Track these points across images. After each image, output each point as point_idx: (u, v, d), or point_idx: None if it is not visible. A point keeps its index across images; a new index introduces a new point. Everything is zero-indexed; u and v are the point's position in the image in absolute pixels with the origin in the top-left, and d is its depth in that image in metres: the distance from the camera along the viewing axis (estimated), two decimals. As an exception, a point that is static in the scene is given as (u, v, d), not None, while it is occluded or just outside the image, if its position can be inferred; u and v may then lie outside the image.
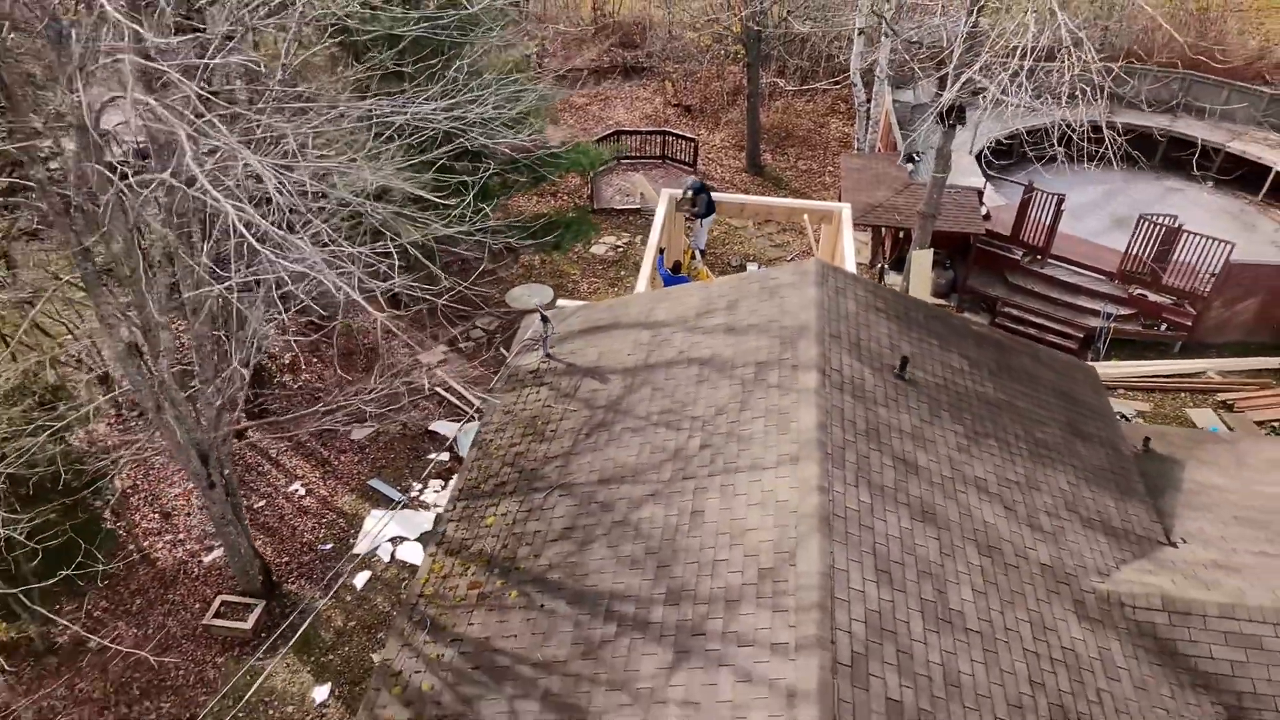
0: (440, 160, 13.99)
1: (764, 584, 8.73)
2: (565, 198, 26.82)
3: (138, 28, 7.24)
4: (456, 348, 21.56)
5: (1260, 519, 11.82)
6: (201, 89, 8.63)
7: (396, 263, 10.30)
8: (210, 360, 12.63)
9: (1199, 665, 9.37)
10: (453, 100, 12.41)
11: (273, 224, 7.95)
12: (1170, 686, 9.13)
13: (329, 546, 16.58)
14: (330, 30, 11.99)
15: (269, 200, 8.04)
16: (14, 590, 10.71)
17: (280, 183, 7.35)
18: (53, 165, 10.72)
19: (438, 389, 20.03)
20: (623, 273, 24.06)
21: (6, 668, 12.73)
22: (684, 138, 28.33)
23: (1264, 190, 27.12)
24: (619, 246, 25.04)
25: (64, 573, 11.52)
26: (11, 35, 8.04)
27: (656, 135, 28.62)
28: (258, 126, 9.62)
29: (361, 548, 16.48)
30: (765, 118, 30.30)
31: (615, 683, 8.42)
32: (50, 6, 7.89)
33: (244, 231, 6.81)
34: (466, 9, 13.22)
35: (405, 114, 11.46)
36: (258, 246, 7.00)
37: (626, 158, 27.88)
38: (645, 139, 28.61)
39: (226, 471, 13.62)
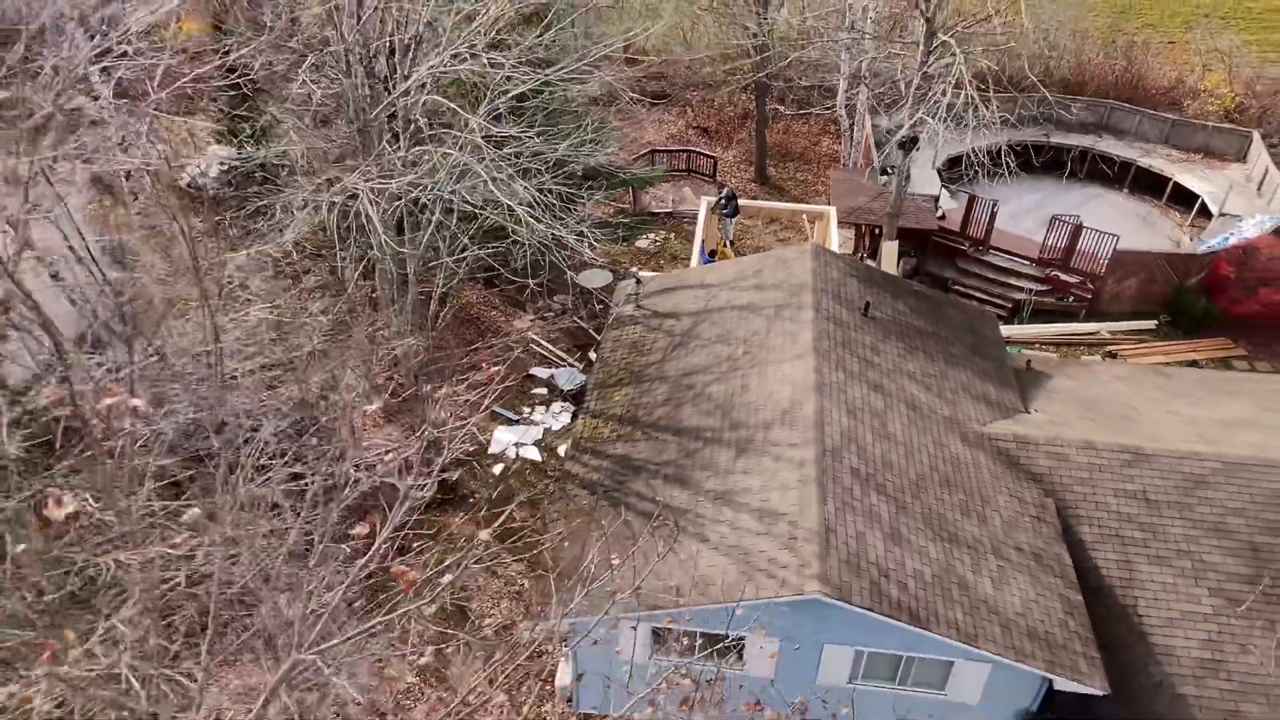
0: (556, 178, 21.01)
1: (785, 418, 15.77)
2: (612, 204, 33.83)
3: (468, 116, 14.21)
4: (541, 316, 28.55)
5: (1091, 404, 18.90)
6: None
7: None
8: (419, 310, 19.66)
9: (1030, 469, 16.43)
10: (580, 139, 19.40)
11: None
12: (1012, 477, 16.19)
13: (472, 448, 23.58)
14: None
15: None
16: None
17: (532, 194, 14.37)
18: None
19: (532, 344, 27.04)
20: (662, 261, 31.06)
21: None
22: (705, 155, 35.38)
23: (1165, 196, 34.20)
24: (657, 241, 32.06)
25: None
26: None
27: (682, 153, 35.67)
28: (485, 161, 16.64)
29: (495, 449, 23.47)
30: (769, 138, 37.26)
31: (704, 467, 15.47)
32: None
33: (522, 214, 13.77)
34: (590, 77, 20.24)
35: (557, 149, 18.43)
36: (529, 221, 13.96)
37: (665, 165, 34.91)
38: (673, 156, 35.65)
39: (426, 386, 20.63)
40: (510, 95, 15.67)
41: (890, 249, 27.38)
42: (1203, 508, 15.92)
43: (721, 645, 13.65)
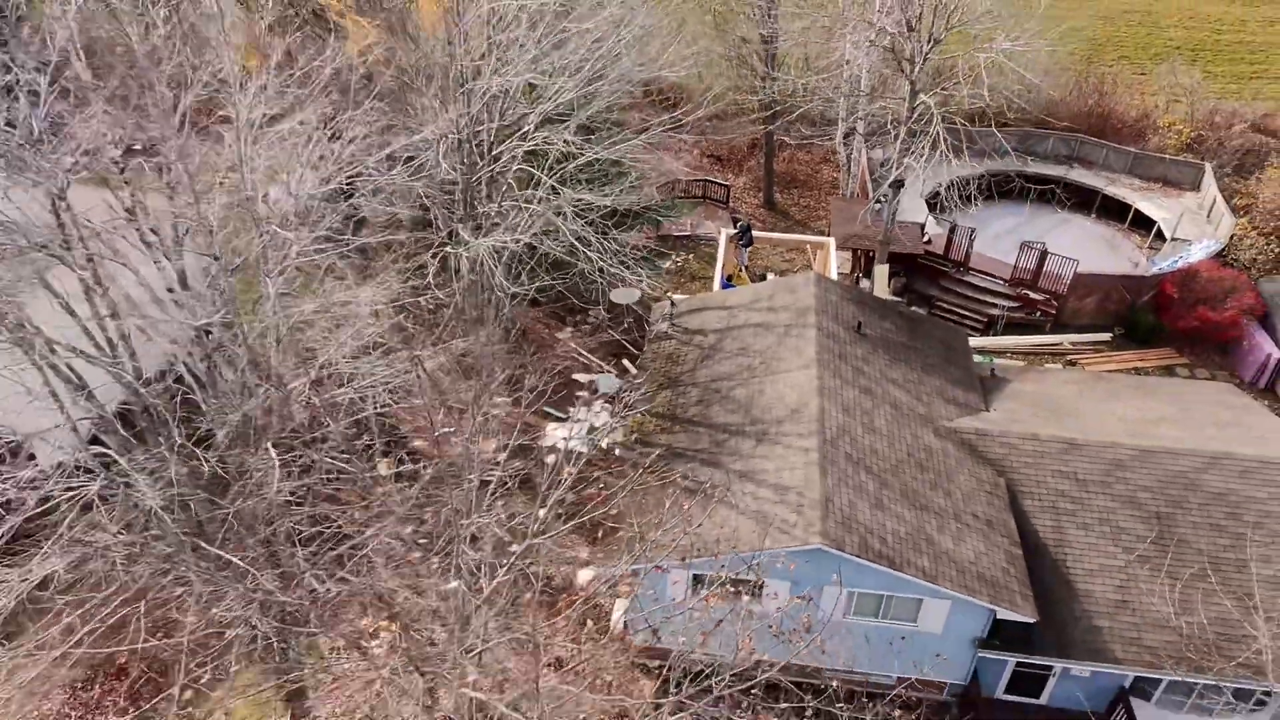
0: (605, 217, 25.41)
1: (794, 415, 20.16)
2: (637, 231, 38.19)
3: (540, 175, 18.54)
4: (579, 329, 32.95)
5: (1042, 404, 23.27)
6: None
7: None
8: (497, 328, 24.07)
9: (987, 455, 20.81)
10: (626, 186, 23.81)
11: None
12: (972, 461, 20.57)
13: (527, 441, 27.97)
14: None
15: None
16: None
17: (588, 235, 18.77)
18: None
19: (573, 354, 31.44)
20: (683, 280, 35.44)
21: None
22: (719, 184, 39.77)
23: (1128, 221, 38.58)
24: (678, 262, 36.46)
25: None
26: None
27: (699, 182, 40.06)
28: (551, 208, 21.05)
29: (547, 442, 27.86)
30: (775, 165, 41.60)
31: (731, 453, 19.88)
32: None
33: (580, 248, 18.14)
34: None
35: (608, 198, 22.79)
36: (584, 252, 18.31)
37: (683, 195, 39.25)
38: (691, 184, 40.03)
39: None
40: (579, 163, 20.08)
41: (882, 271, 31.76)
42: (1120, 486, 20.29)
43: (745, 580, 18.02)
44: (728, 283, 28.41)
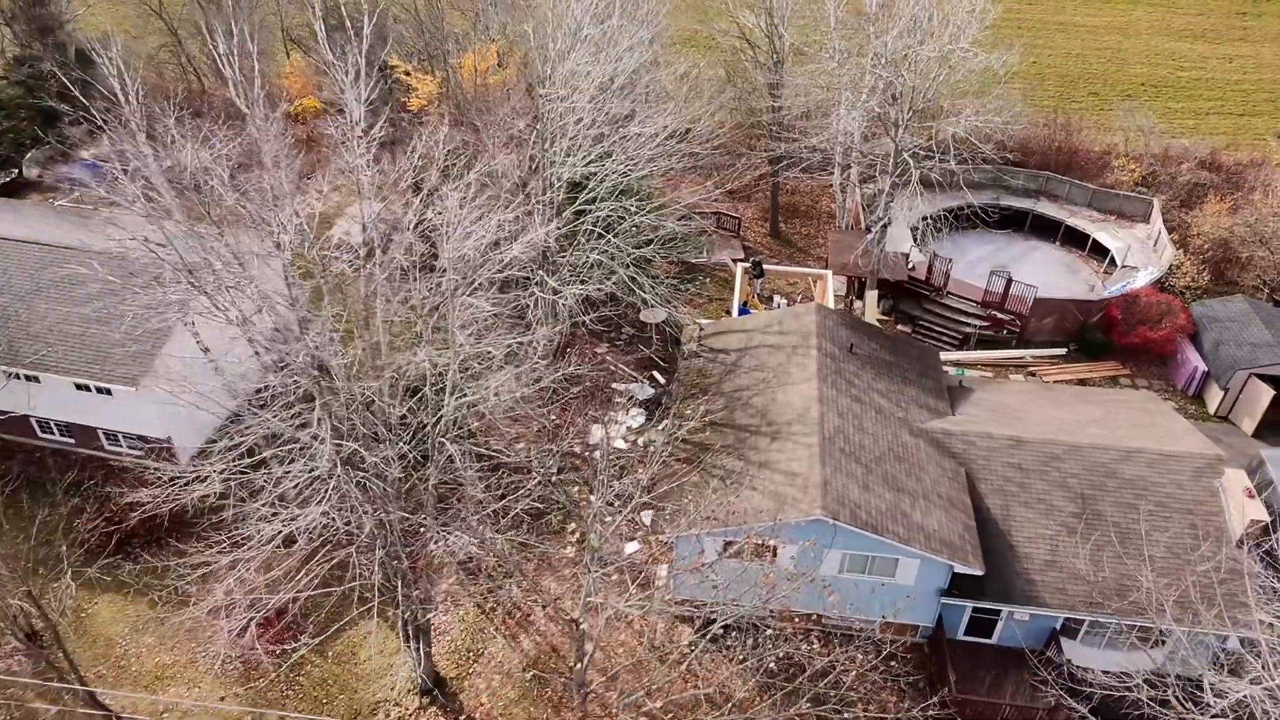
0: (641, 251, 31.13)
1: (799, 418, 25.89)
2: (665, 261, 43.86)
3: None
4: (614, 344, 38.65)
5: (999, 409, 29.00)
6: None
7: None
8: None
9: (951, 449, 26.55)
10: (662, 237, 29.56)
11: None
12: (939, 455, 26.31)
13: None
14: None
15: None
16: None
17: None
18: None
19: (611, 366, 37.15)
20: (701, 302, 41.15)
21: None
22: (731, 216, 45.50)
23: (1087, 249, 44.34)
24: (695, 286, 42.19)
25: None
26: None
27: (712, 214, 45.75)
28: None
29: (592, 440, 33.53)
30: (779, 198, 47.28)
31: (751, 448, 25.62)
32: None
33: (627, 281, 23.83)
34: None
35: (648, 251, 28.53)
36: (629, 284, 23.98)
37: (700, 232, 44.93)
38: (705, 216, 45.69)
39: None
40: (630, 223, 25.80)
41: (872, 296, 37.55)
42: (1054, 473, 26.02)
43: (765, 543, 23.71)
44: (744, 309, 34.19)
